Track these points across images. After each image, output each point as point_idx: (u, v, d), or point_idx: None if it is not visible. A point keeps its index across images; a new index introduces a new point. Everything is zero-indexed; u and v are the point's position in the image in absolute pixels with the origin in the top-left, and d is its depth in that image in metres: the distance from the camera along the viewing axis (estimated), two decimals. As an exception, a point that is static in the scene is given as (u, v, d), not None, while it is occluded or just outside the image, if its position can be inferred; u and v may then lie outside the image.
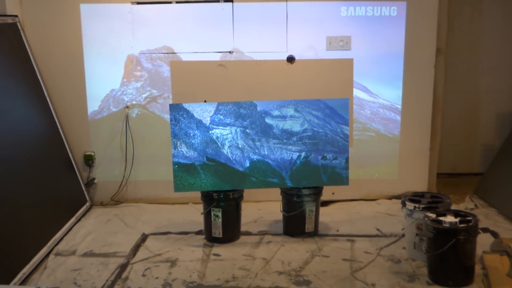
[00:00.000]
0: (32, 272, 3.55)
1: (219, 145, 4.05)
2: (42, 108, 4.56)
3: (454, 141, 5.60)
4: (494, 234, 4.05)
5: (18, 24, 4.52)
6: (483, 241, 3.81)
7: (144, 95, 4.87)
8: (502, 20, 5.36)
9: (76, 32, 4.73)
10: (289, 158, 4.08)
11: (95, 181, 4.97)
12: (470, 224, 3.27)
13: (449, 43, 5.12)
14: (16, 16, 4.53)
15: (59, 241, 4.06)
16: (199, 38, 4.74)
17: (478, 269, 3.43)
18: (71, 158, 4.76)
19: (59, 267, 3.65)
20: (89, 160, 4.91)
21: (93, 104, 4.87)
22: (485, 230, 4.09)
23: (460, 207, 4.60)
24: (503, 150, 5.10)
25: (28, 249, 3.67)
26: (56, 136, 4.65)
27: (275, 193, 4.27)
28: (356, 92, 4.85)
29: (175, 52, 4.77)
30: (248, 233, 4.21)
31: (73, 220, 4.42)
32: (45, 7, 4.68)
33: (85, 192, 4.85)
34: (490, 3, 5.35)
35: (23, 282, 3.40)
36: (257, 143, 4.07)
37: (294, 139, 4.08)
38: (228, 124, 4.05)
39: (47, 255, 3.82)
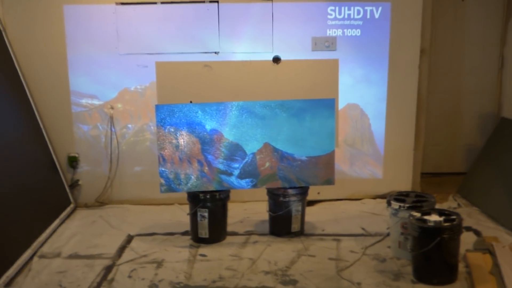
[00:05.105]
0: (16, 275, 3.51)
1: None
2: (25, 109, 4.51)
3: (437, 141, 5.66)
4: (477, 233, 4.10)
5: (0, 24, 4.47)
6: (466, 240, 3.86)
7: (129, 96, 4.85)
8: (484, 20, 5.42)
9: (60, 33, 4.68)
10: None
11: (79, 182, 4.93)
12: (454, 223, 3.31)
13: (433, 43, 5.16)
14: (-2, 16, 4.48)
15: (43, 243, 4.02)
16: (185, 39, 4.72)
17: (461, 267, 3.47)
18: (55, 159, 4.72)
19: (44, 270, 3.62)
20: (73, 162, 4.87)
21: (77, 105, 4.84)
22: (468, 229, 4.14)
23: (444, 206, 4.65)
24: (485, 150, 5.15)
25: (11, 251, 3.63)
26: (39, 137, 4.60)
27: (261, 193, 4.27)
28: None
29: (161, 52, 4.75)
30: (234, 233, 4.21)
31: (57, 222, 4.38)
32: (27, 8, 4.63)
33: (69, 194, 4.80)
34: (473, 4, 5.41)
35: (7, 285, 3.37)
36: (243, 143, 4.06)
37: (279, 138, 4.08)
38: (213, 125, 4.04)
39: (31, 258, 3.78)
